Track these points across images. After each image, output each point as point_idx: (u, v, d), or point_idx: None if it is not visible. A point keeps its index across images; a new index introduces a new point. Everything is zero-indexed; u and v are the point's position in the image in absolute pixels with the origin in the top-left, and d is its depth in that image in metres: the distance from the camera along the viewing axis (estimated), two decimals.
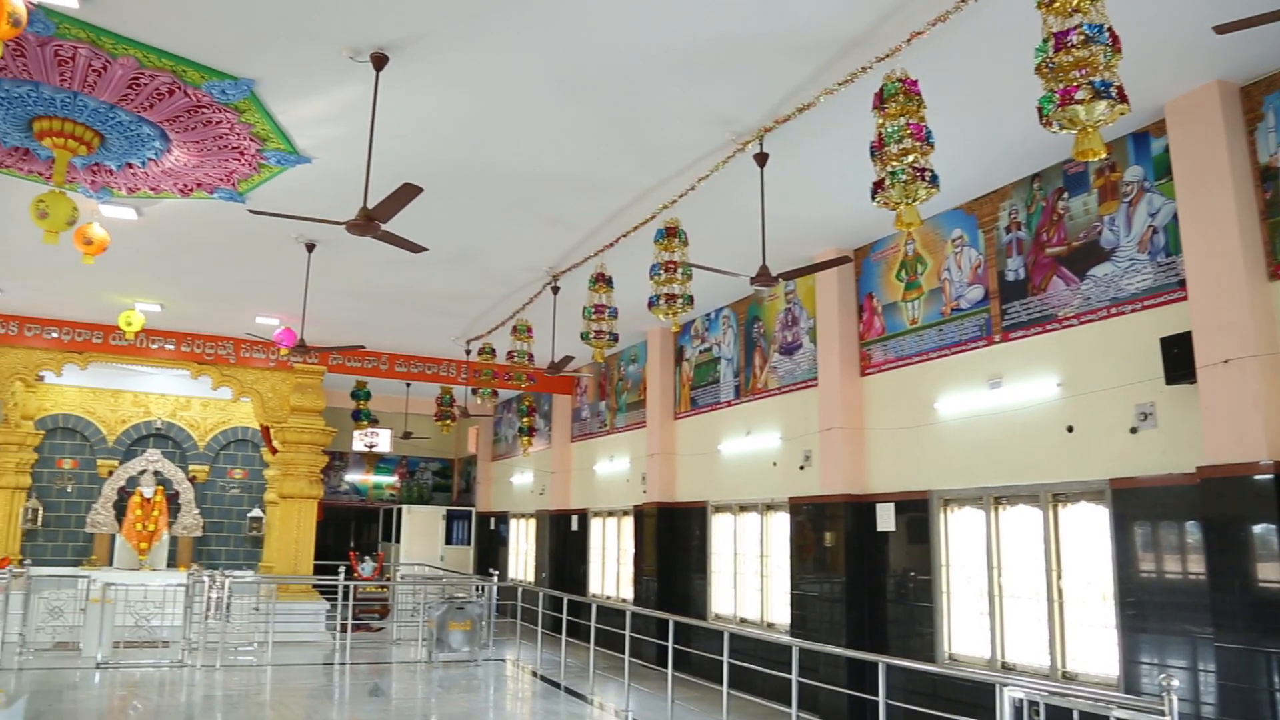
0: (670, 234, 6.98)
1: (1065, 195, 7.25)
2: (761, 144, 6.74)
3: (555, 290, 10.36)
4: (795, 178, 7.56)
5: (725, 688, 7.61)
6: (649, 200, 8.06)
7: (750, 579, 10.90)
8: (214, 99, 6.42)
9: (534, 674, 11.66)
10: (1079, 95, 3.84)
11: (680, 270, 6.87)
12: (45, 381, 15.93)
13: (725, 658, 7.62)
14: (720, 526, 11.65)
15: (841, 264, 7.48)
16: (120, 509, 16.34)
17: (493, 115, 6.58)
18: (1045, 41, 3.96)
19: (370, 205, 6.06)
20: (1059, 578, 7.03)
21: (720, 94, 6.21)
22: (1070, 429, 7.01)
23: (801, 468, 9.87)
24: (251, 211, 6.87)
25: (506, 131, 6.84)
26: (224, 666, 11.24)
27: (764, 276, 6.72)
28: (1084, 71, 3.84)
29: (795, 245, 9.23)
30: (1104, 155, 3.97)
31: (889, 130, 4.91)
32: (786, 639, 8.01)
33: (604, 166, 7.46)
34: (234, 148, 7.21)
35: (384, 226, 6.08)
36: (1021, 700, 5.26)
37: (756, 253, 7.29)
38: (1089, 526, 6.89)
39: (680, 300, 6.84)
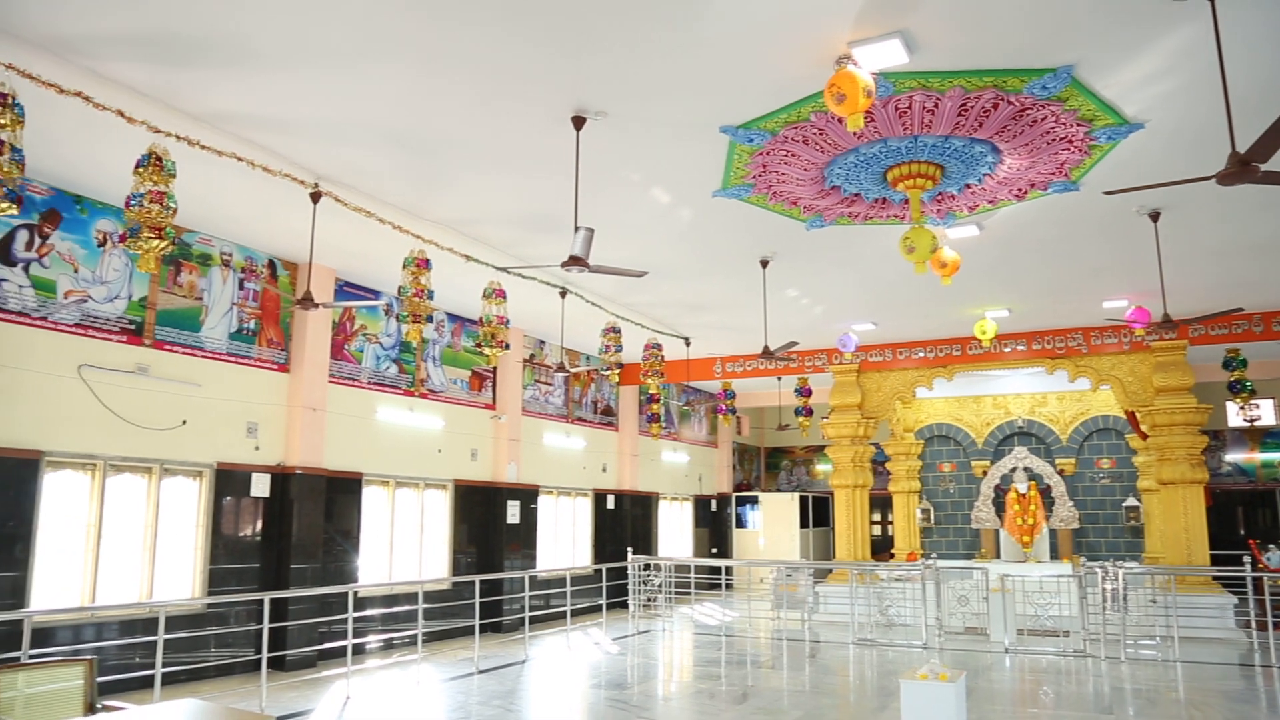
0: None
1: None
2: None
3: None
4: None
5: None
6: None
7: None
8: (1035, 98, 6.57)
9: None
10: None
11: None
12: (918, 397, 18.11)
13: None
14: None
15: None
16: (998, 505, 17.48)
17: None
18: None
19: (1240, 149, 5.44)
20: None
21: None
22: None
23: None
24: (1106, 193, 6.76)
25: None
26: (1127, 660, 11.06)
27: None
28: None
29: None
30: None
31: None
32: None
33: None
34: (1062, 138, 7.25)
35: (1263, 167, 5.41)
36: None
37: None
38: None
39: None
